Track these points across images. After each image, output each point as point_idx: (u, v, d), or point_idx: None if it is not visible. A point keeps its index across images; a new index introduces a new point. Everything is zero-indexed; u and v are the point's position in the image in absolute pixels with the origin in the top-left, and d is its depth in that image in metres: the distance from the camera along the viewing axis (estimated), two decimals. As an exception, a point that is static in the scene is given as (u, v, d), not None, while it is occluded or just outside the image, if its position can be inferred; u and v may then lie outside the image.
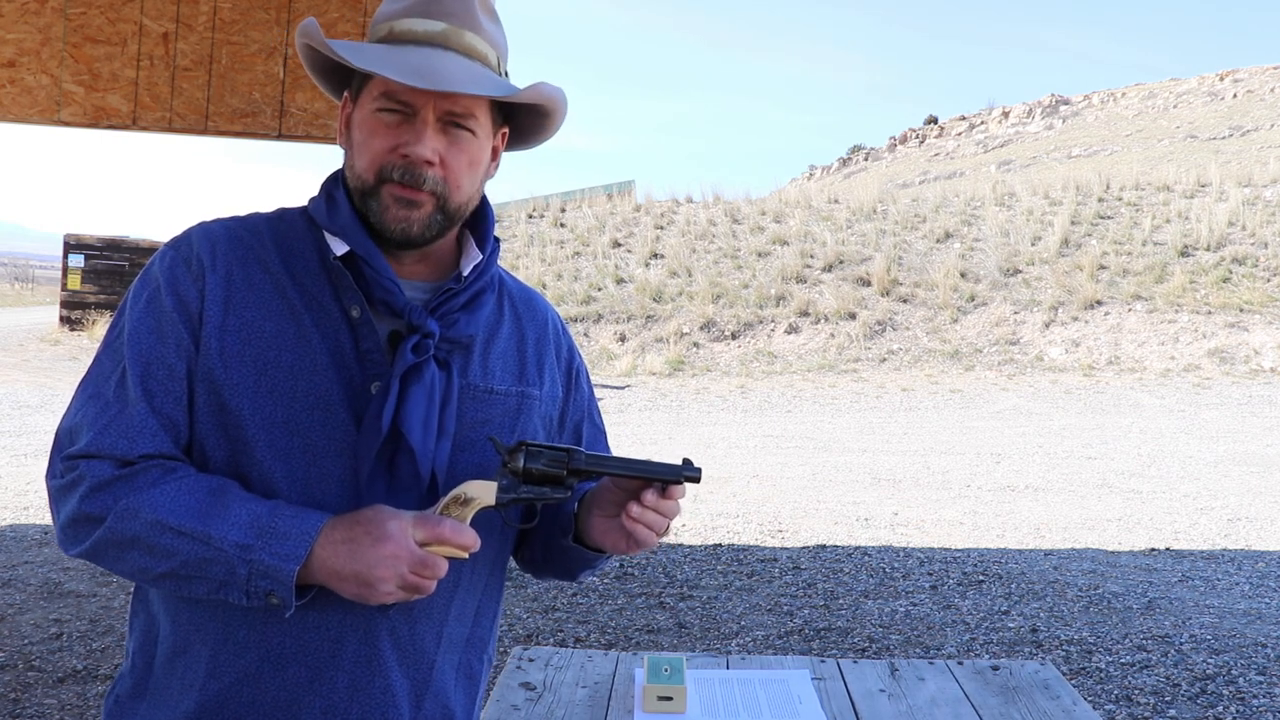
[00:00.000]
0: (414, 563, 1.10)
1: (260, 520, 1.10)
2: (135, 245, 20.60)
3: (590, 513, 1.27)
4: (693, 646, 4.57)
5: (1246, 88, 44.58)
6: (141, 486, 1.10)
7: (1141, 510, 7.84)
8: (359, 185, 1.21)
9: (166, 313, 1.17)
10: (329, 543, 1.10)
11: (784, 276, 18.68)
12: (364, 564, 1.09)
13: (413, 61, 1.16)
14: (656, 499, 1.20)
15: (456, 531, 1.13)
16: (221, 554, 1.08)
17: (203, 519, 1.09)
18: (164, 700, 1.18)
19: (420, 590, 1.12)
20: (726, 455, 9.93)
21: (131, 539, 1.10)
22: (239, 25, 4.29)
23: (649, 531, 1.21)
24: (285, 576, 1.08)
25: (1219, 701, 4.01)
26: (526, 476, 1.19)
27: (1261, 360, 15.59)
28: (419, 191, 1.18)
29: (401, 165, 1.18)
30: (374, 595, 1.10)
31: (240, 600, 1.10)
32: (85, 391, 1.17)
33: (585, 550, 1.30)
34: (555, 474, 1.20)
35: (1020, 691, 2.24)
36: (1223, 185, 20.64)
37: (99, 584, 5.14)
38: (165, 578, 1.11)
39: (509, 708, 2.09)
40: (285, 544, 1.09)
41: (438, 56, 1.18)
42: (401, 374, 1.17)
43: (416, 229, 1.20)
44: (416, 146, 1.17)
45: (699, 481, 1.22)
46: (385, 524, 1.10)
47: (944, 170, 41.11)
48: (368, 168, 1.19)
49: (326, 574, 1.10)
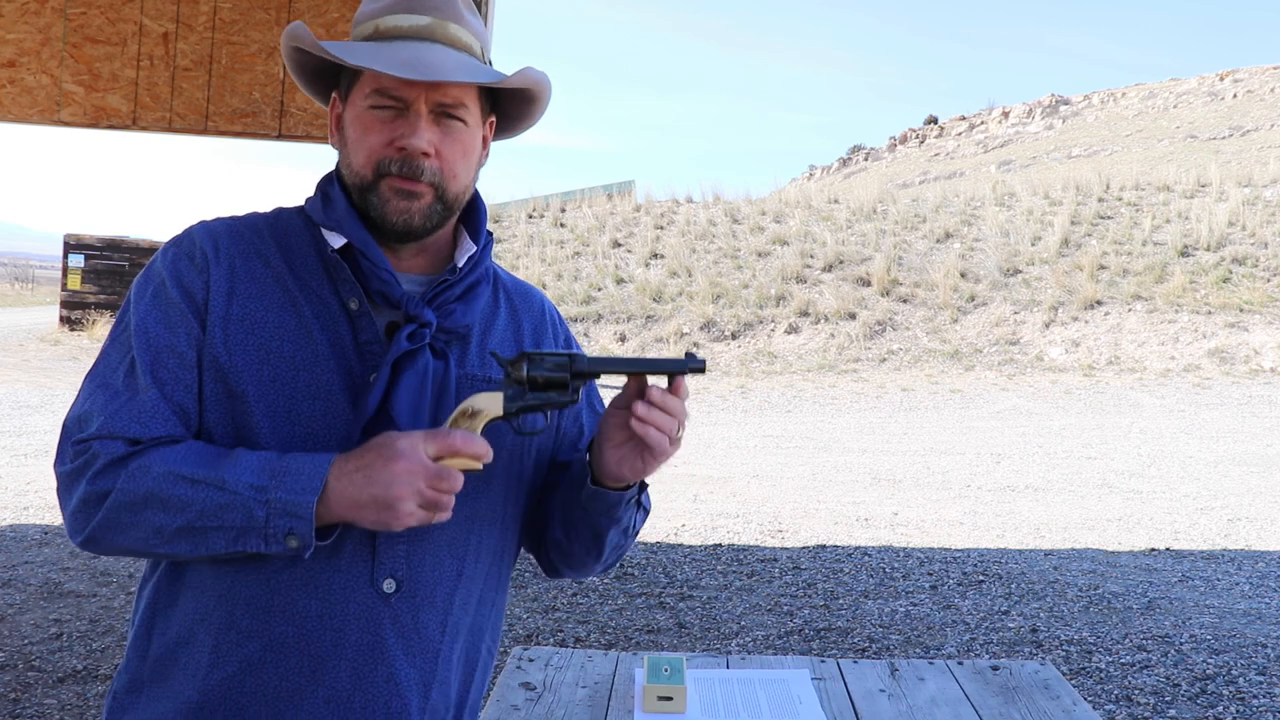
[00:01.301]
0: (430, 476, 1.10)
1: (271, 462, 1.11)
2: (135, 245, 20.63)
3: (601, 451, 1.25)
4: (693, 646, 4.57)
5: (1246, 88, 44.58)
6: (152, 451, 1.12)
7: (1141, 510, 7.84)
8: (357, 181, 1.22)
9: (174, 303, 1.18)
10: (342, 474, 1.10)
11: (784, 276, 18.69)
12: (380, 485, 1.09)
13: (403, 55, 1.18)
14: (663, 394, 1.19)
15: (468, 441, 1.13)
16: (238, 497, 1.09)
17: (214, 467, 1.10)
18: (165, 691, 1.18)
19: (440, 505, 1.11)
20: (726, 455, 9.93)
21: (145, 496, 1.10)
22: (239, 25, 4.30)
23: (660, 434, 1.18)
24: (304, 510, 1.09)
25: (1219, 701, 4.01)
26: (531, 384, 1.19)
27: (1261, 360, 15.59)
28: (418, 183, 1.20)
29: (399, 158, 1.19)
30: (395, 517, 1.10)
31: (259, 546, 1.10)
32: (93, 382, 1.17)
33: (608, 491, 1.26)
34: (559, 378, 1.20)
35: (1020, 691, 2.24)
36: (1223, 185, 20.64)
37: (99, 584, 5.14)
38: (182, 533, 1.11)
39: (509, 708, 2.09)
40: (299, 479, 1.09)
41: (426, 49, 1.20)
42: (394, 360, 1.18)
43: (418, 219, 1.22)
44: (412, 139, 1.19)
45: (704, 371, 1.21)
46: (396, 444, 1.11)
47: (944, 170, 41.11)
48: (365, 163, 1.21)
49: (345, 505, 1.10)
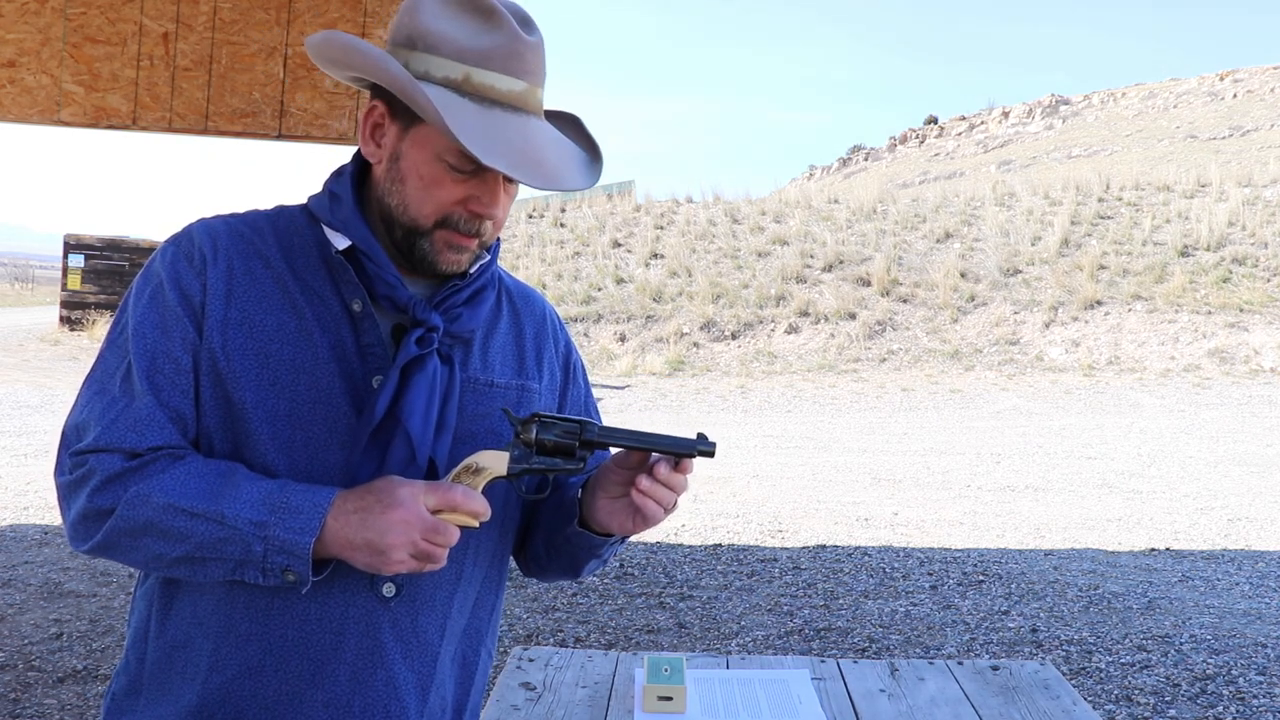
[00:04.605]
0: (425, 529, 1.09)
1: (272, 497, 1.10)
2: (135, 245, 20.63)
3: (594, 496, 1.26)
4: (693, 646, 4.57)
5: (1246, 88, 44.57)
6: (151, 474, 1.11)
7: (1141, 510, 7.84)
8: (411, 225, 1.20)
9: (170, 307, 1.17)
10: (341, 513, 1.10)
11: (784, 276, 18.69)
12: (375, 531, 1.08)
13: (515, 143, 1.15)
14: (669, 473, 1.19)
15: (468, 498, 1.12)
16: (237, 532, 1.09)
17: (214, 499, 1.09)
18: (163, 694, 1.18)
19: (432, 558, 1.11)
20: (726, 455, 9.93)
21: (144, 525, 1.10)
22: (239, 25, 4.30)
23: (658, 507, 1.20)
24: (301, 550, 1.08)
25: (1219, 701, 4.01)
26: (539, 448, 1.18)
27: (1261, 360, 15.59)
28: (474, 239, 1.21)
29: (468, 217, 1.20)
30: (386, 564, 1.10)
31: (257, 579, 1.10)
32: (90, 388, 1.17)
33: (592, 535, 1.28)
34: (567, 445, 1.19)
35: (1020, 691, 2.24)
36: (1223, 185, 20.64)
37: (99, 584, 5.14)
38: (181, 562, 1.11)
39: (509, 708, 2.09)
40: (298, 518, 1.09)
41: (530, 132, 1.17)
42: (403, 365, 1.17)
43: (464, 268, 1.24)
44: (492, 209, 1.20)
45: (713, 456, 1.20)
46: (396, 491, 1.10)
47: (944, 170, 41.10)
48: (430, 215, 1.19)
49: (340, 545, 1.10)
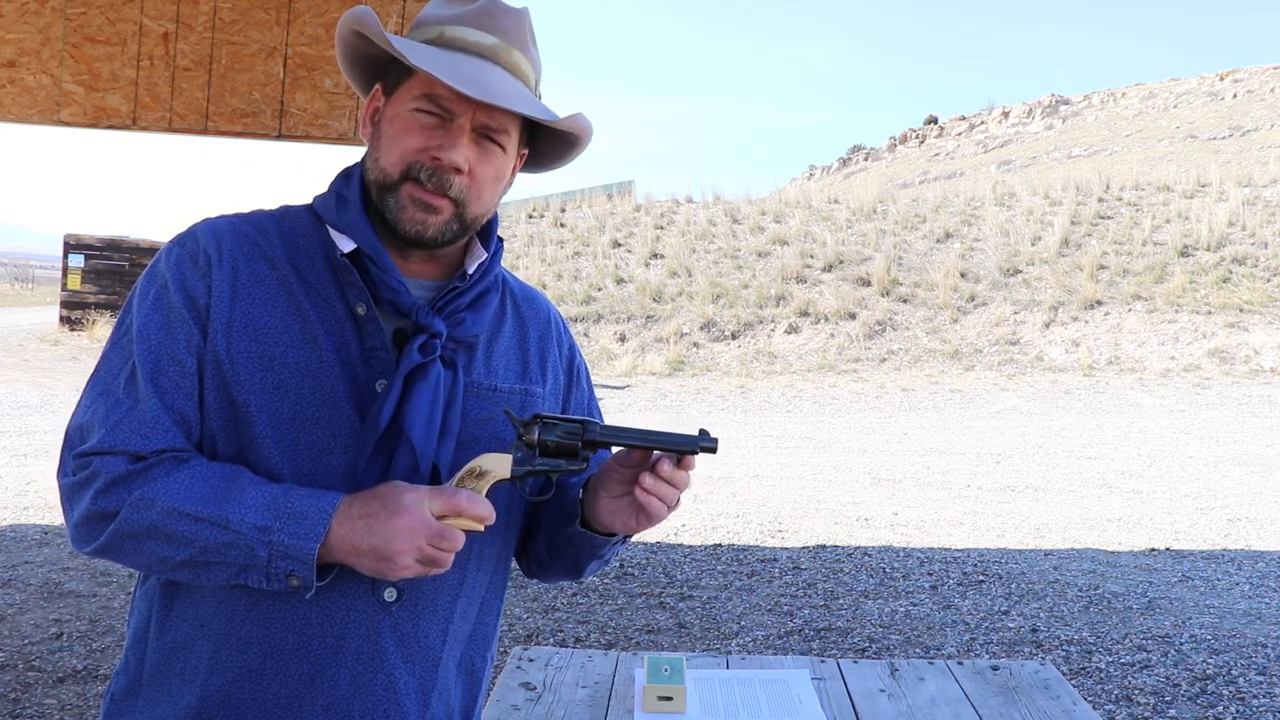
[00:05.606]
0: (431, 535, 1.09)
1: (276, 502, 1.09)
2: (135, 245, 20.63)
3: (596, 496, 1.25)
4: (693, 646, 4.57)
5: (1246, 88, 44.57)
6: (156, 478, 1.10)
7: (1141, 510, 7.84)
8: (381, 179, 1.20)
9: (175, 308, 1.16)
10: (346, 519, 1.10)
11: (784, 276, 18.69)
12: (381, 538, 1.08)
13: (464, 69, 1.16)
14: (672, 470, 1.19)
15: (473, 502, 1.12)
16: (241, 537, 1.08)
17: (219, 504, 1.09)
18: (163, 695, 1.18)
19: (437, 563, 1.11)
20: (726, 455, 9.93)
21: (148, 529, 1.09)
22: (239, 25, 4.29)
23: (661, 504, 1.20)
24: (306, 556, 1.08)
25: (1219, 701, 4.01)
26: (542, 449, 1.18)
27: (1261, 360, 15.59)
28: (440, 197, 1.18)
29: (430, 167, 1.18)
30: (392, 569, 1.09)
31: (261, 583, 1.10)
32: (94, 389, 1.16)
33: (594, 535, 1.28)
34: (570, 445, 1.19)
35: (1020, 691, 2.24)
36: (1223, 185, 20.64)
37: (99, 584, 5.14)
38: (185, 566, 1.11)
39: (509, 708, 2.09)
40: (303, 524, 1.08)
41: (488, 69, 1.19)
42: (407, 373, 1.17)
43: (431, 233, 1.20)
44: (450, 152, 1.17)
45: (715, 452, 1.20)
46: (401, 497, 1.10)
47: (944, 170, 41.10)
48: (395, 163, 1.19)
49: (345, 551, 1.10)
